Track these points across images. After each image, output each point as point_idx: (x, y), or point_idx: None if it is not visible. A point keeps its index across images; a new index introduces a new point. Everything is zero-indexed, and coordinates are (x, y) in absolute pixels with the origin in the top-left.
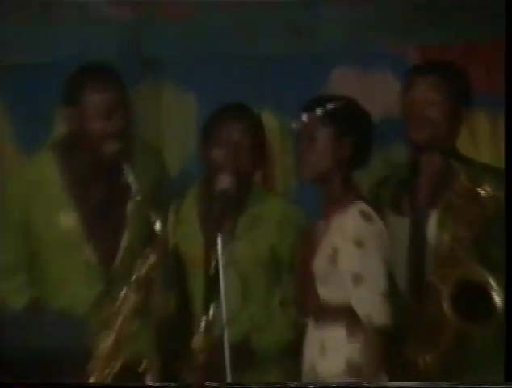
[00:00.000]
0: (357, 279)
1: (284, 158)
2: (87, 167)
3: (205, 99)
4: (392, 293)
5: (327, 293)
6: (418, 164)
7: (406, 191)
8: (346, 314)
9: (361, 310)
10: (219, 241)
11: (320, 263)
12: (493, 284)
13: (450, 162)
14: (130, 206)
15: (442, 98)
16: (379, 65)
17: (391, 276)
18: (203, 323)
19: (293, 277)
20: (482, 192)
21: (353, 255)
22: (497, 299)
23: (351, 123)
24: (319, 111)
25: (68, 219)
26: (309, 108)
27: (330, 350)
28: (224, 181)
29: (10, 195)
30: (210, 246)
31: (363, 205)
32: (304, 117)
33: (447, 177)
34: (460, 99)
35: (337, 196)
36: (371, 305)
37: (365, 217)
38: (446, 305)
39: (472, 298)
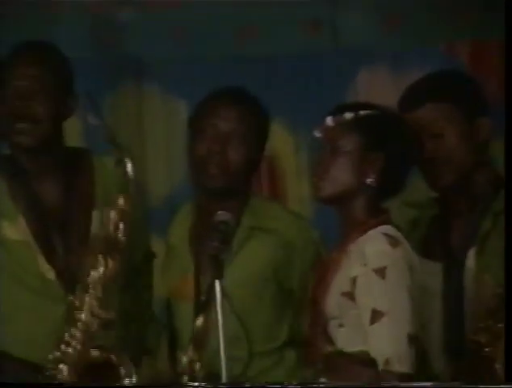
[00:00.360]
0: (376, 316)
1: (297, 175)
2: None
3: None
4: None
5: (342, 340)
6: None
7: (437, 231)
8: (365, 367)
9: (378, 354)
10: (217, 287)
11: (334, 301)
12: None
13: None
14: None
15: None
16: (413, 66)
17: (419, 318)
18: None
19: (301, 315)
20: None
21: (373, 287)
22: None
23: (385, 135)
24: (348, 116)
25: (14, 229)
26: (336, 113)
27: None
28: (222, 213)
29: None
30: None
31: (388, 227)
32: (329, 121)
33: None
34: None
35: (360, 221)
36: (391, 348)
37: (390, 241)
38: (499, 370)
39: None
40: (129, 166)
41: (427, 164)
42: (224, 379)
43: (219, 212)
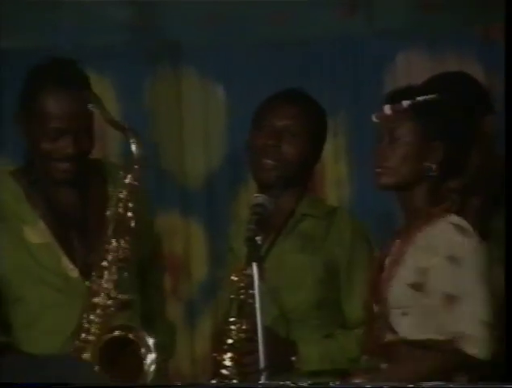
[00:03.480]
0: (450, 301)
1: (335, 158)
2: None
3: (236, 92)
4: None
5: (406, 328)
6: None
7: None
8: (432, 352)
9: (455, 338)
10: (254, 269)
11: (400, 291)
12: None
13: None
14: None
15: None
16: (450, 49)
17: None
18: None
19: (349, 300)
20: None
21: (446, 274)
22: None
23: (444, 121)
24: (405, 104)
25: (35, 233)
26: (395, 99)
27: None
28: (259, 196)
29: None
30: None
31: (455, 218)
32: (387, 108)
33: None
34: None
35: (422, 209)
36: (467, 333)
37: (460, 230)
38: None
39: None
40: (134, 147)
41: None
42: (261, 363)
43: (255, 194)
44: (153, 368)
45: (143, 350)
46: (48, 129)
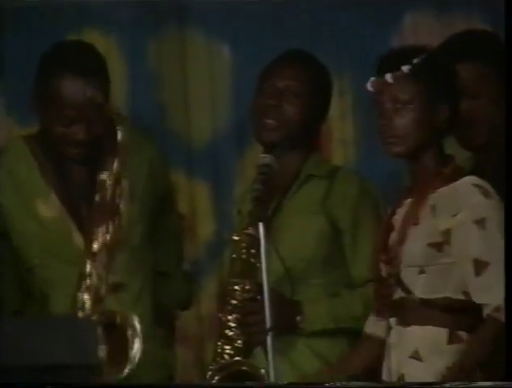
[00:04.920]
0: (480, 266)
1: (341, 118)
2: (58, 155)
3: (240, 51)
4: None
5: (422, 286)
6: None
7: None
8: (448, 313)
9: (487, 303)
10: (260, 232)
11: (417, 250)
12: None
13: None
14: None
15: None
16: (458, 10)
17: None
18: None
19: (354, 258)
20: None
21: (473, 238)
22: None
23: (444, 80)
24: (405, 68)
25: (47, 206)
26: (391, 64)
27: (427, 354)
28: (265, 157)
29: None
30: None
31: (475, 179)
32: (389, 76)
33: None
34: None
35: (432, 170)
36: (500, 296)
37: (483, 192)
38: None
39: None
40: (120, 134)
41: (461, 126)
42: (267, 324)
43: (262, 155)
44: (138, 354)
45: (130, 335)
46: (62, 115)
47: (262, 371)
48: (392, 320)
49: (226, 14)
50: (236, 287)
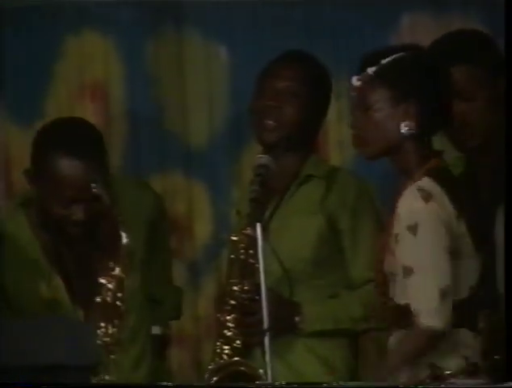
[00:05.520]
0: (407, 272)
1: (338, 120)
2: (59, 228)
3: (237, 52)
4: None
5: (394, 292)
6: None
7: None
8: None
9: (414, 308)
10: (258, 233)
11: (388, 257)
12: None
13: None
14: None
15: None
16: (455, 10)
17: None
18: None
19: (354, 260)
20: None
21: (405, 244)
22: None
23: (416, 79)
24: (371, 70)
25: (50, 289)
26: (364, 66)
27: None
28: (262, 157)
29: None
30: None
31: (426, 181)
32: (355, 79)
33: None
34: None
35: (412, 169)
36: (422, 303)
37: (423, 195)
38: None
39: None
40: (124, 238)
41: (454, 127)
42: (265, 324)
43: (259, 155)
44: None
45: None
46: (60, 196)
47: (261, 371)
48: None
49: (223, 15)
50: (234, 287)
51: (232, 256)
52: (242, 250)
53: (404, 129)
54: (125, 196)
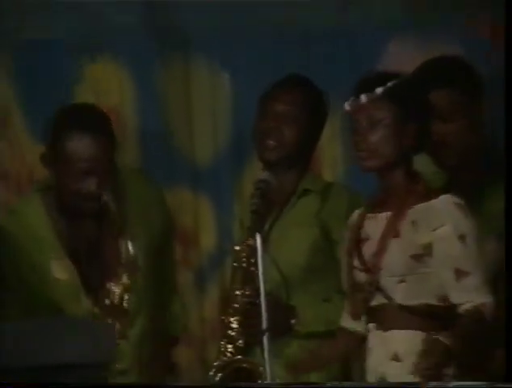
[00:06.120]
0: (461, 274)
1: (331, 139)
2: (72, 211)
3: (241, 78)
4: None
5: (402, 293)
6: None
7: None
8: (424, 317)
9: (466, 301)
10: (258, 243)
11: (399, 262)
12: None
13: None
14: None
15: None
16: (444, 38)
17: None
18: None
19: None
20: None
21: (456, 252)
22: None
23: (415, 103)
24: (379, 91)
25: (62, 269)
26: (367, 87)
27: (404, 355)
28: (263, 173)
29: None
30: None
31: (454, 197)
32: (363, 98)
33: None
34: None
35: (403, 186)
36: (478, 298)
37: (463, 210)
38: None
39: None
40: (130, 248)
41: (435, 147)
42: (264, 326)
43: (260, 171)
44: None
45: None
46: (74, 170)
47: (261, 368)
48: (372, 325)
49: (226, 42)
50: (237, 292)
51: (235, 264)
52: (244, 259)
53: (405, 146)
54: (136, 197)
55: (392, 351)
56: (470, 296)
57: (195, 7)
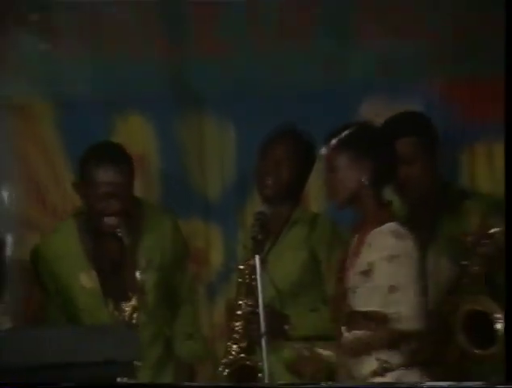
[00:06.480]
0: (392, 290)
1: (317, 182)
2: (98, 234)
3: (243, 129)
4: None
5: (357, 301)
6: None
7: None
8: (376, 321)
9: (396, 316)
10: (257, 263)
11: (355, 276)
12: (498, 313)
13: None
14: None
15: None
16: (406, 97)
17: (424, 286)
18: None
19: (327, 282)
20: (495, 233)
21: (388, 270)
22: (500, 326)
23: (369, 145)
24: (335, 139)
25: (88, 279)
26: (331, 137)
27: (363, 353)
28: (262, 206)
29: (41, 260)
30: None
31: (393, 225)
32: (325, 146)
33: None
34: None
35: (371, 214)
36: (405, 312)
37: (397, 236)
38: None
39: (479, 326)
40: (140, 276)
41: (400, 184)
42: (262, 330)
43: (260, 205)
44: None
45: None
46: (99, 193)
47: (260, 364)
48: (343, 328)
49: (231, 100)
50: (240, 302)
51: (239, 280)
52: (246, 276)
53: (363, 180)
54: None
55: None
56: (397, 308)
57: (206, 73)
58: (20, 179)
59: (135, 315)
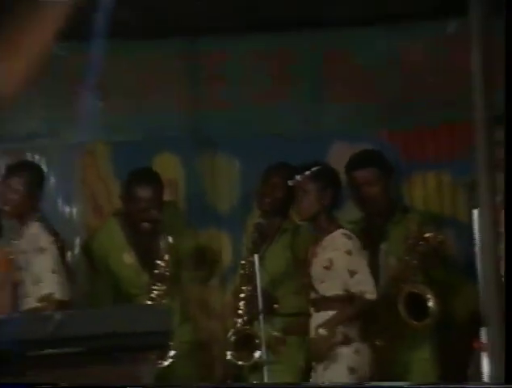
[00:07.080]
0: (352, 273)
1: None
2: (137, 231)
3: (246, 163)
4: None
5: (323, 289)
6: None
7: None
8: (339, 302)
9: (358, 291)
10: (256, 259)
11: (318, 270)
12: (430, 295)
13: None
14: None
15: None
16: (367, 141)
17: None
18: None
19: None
20: (429, 237)
21: (346, 260)
22: (432, 305)
23: (330, 180)
24: (307, 173)
25: (130, 258)
26: (302, 171)
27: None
28: (260, 219)
29: (95, 248)
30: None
31: (343, 230)
32: (298, 177)
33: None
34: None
35: (324, 227)
36: (365, 286)
37: (347, 236)
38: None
39: (416, 304)
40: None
41: (362, 201)
42: (260, 308)
43: (258, 218)
44: None
45: None
46: (140, 206)
47: (259, 333)
48: (312, 309)
49: (236, 141)
50: (243, 288)
51: (242, 272)
52: (248, 269)
53: (324, 204)
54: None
55: (320, 323)
56: (358, 287)
57: (218, 122)
58: (83, 198)
59: (163, 288)
